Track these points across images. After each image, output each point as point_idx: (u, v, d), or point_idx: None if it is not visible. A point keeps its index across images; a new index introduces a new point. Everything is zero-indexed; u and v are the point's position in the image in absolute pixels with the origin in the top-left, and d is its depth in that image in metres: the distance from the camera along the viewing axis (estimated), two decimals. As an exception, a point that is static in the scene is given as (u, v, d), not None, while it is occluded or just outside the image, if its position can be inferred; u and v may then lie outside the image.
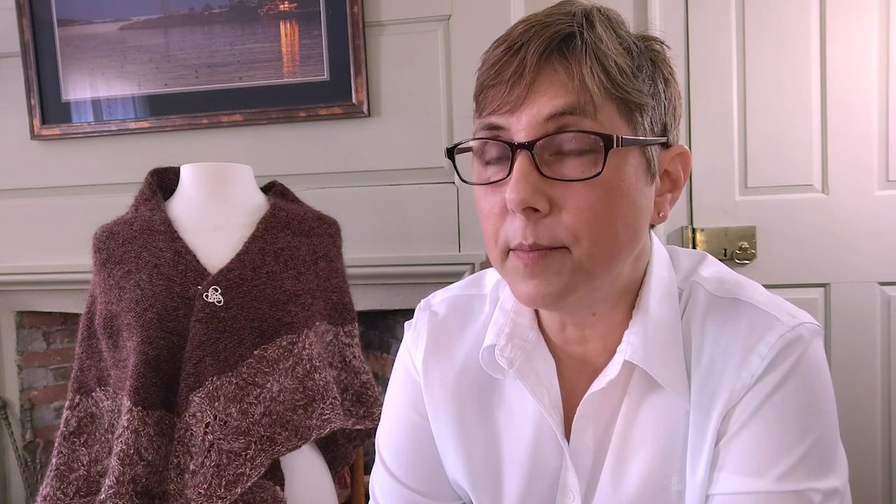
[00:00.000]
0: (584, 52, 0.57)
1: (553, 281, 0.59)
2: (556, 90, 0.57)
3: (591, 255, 0.59)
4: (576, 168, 0.58)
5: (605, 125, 0.57)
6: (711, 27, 1.74)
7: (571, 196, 0.58)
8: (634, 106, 0.59)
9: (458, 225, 1.73)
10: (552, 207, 0.58)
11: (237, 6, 1.77)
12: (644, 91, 0.59)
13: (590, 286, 0.61)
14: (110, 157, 1.89)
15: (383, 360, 1.91)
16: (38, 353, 2.06)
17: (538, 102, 0.57)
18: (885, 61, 1.67)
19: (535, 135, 0.57)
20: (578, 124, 0.57)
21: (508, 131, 0.59)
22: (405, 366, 0.80)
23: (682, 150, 0.65)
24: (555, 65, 0.57)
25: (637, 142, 0.59)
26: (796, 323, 0.63)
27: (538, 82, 0.57)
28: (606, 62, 0.57)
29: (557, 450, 0.69)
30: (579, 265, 0.59)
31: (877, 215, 1.69)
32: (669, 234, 1.81)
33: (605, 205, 0.58)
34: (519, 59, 0.58)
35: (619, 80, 0.57)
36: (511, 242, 0.60)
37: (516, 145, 0.58)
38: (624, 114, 0.58)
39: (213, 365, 1.17)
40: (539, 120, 0.57)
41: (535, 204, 0.57)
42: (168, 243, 1.24)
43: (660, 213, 0.65)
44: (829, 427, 0.62)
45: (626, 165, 0.59)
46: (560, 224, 0.58)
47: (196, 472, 1.13)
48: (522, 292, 0.61)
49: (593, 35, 0.57)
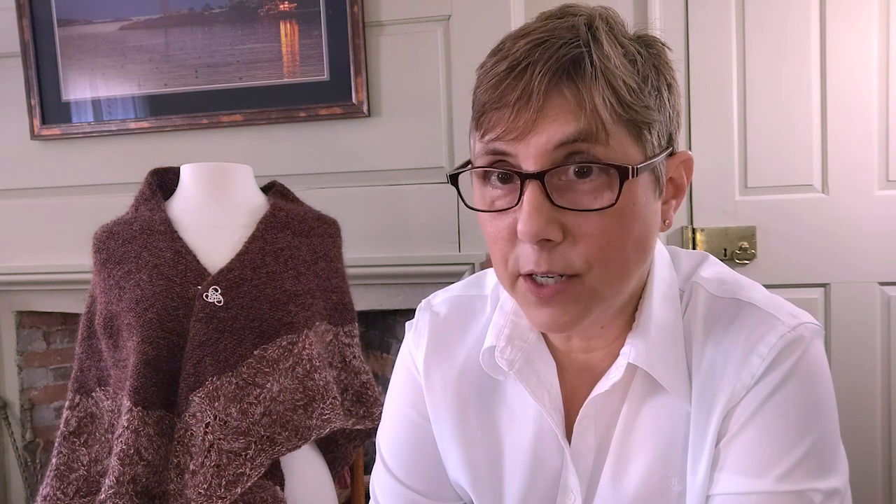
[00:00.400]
0: (594, 77, 0.54)
1: (570, 310, 0.59)
2: (567, 117, 0.54)
3: (604, 280, 0.58)
4: (588, 196, 0.56)
5: (616, 150, 0.55)
6: (711, 27, 1.74)
7: (585, 224, 0.56)
8: (643, 125, 0.57)
9: (458, 225, 1.73)
10: (565, 235, 0.57)
11: (237, 6, 1.77)
12: (651, 106, 0.58)
13: (602, 307, 0.61)
14: (110, 157, 1.89)
15: (383, 360, 1.91)
16: (38, 353, 2.06)
17: (547, 130, 0.55)
18: (885, 61, 1.67)
19: (545, 164, 0.55)
20: (590, 151, 0.55)
21: (516, 157, 0.57)
22: (406, 366, 0.80)
23: (687, 157, 0.64)
24: (563, 90, 0.55)
25: (649, 165, 0.58)
26: (797, 323, 0.63)
27: (546, 108, 0.55)
28: (616, 83, 0.55)
29: (558, 450, 0.69)
30: (593, 291, 0.59)
31: (877, 215, 1.69)
32: (670, 235, 1.81)
33: (619, 230, 0.57)
34: (525, 83, 0.55)
35: (629, 100, 0.55)
36: (522, 268, 0.59)
37: (525, 175, 0.56)
38: (633, 134, 0.56)
39: (213, 365, 1.17)
40: (549, 148, 0.55)
41: (548, 235, 0.56)
42: (168, 243, 1.24)
43: (665, 220, 0.64)
44: (829, 427, 0.62)
45: (638, 188, 0.58)
46: (574, 251, 0.57)
47: (196, 472, 1.13)
48: (538, 319, 0.61)
49: (601, 54, 0.55)
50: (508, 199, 0.58)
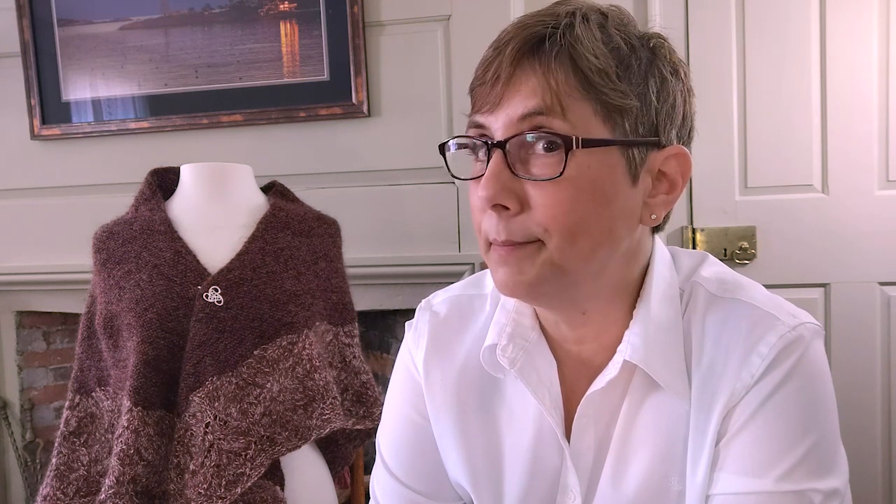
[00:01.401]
0: (553, 54, 0.58)
1: (525, 270, 0.61)
2: (529, 91, 0.58)
3: (562, 250, 0.60)
4: (542, 167, 0.59)
5: (576, 126, 0.58)
6: (711, 27, 1.74)
7: (540, 194, 0.59)
8: (613, 108, 0.59)
9: (458, 225, 1.73)
10: (523, 206, 0.60)
11: (237, 6, 1.77)
12: (626, 92, 0.59)
13: (564, 281, 0.62)
14: (110, 157, 1.89)
15: (383, 360, 1.91)
16: (38, 353, 2.06)
17: (513, 102, 0.59)
18: (885, 61, 1.67)
19: (509, 134, 0.59)
20: (549, 124, 0.58)
21: (489, 129, 0.61)
22: (406, 366, 0.80)
23: (678, 151, 0.64)
24: (526, 66, 0.59)
25: (604, 143, 0.59)
26: (797, 323, 0.63)
27: (513, 82, 0.59)
28: (581, 63, 0.58)
29: (558, 450, 0.69)
30: (550, 259, 0.60)
31: (877, 215, 1.69)
32: (669, 235, 1.81)
33: (573, 203, 0.59)
34: (499, 60, 0.60)
35: (595, 80, 0.58)
36: (489, 236, 0.62)
37: (492, 144, 0.60)
38: (601, 114, 0.59)
39: (213, 365, 1.17)
40: (513, 119, 0.59)
41: (503, 202, 0.59)
42: (168, 243, 1.24)
43: (651, 214, 0.64)
44: (829, 427, 0.62)
45: (599, 165, 0.59)
46: (531, 220, 0.60)
47: (196, 472, 1.13)
48: (498, 280, 0.63)
49: (571, 36, 0.58)
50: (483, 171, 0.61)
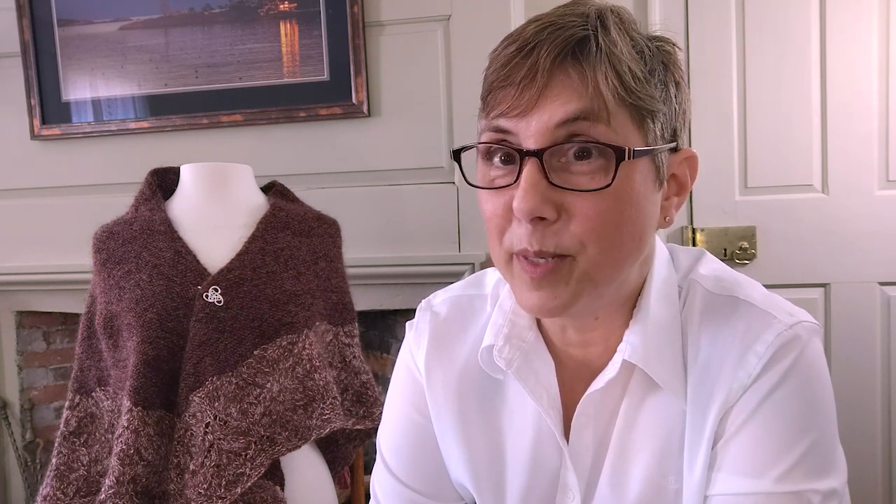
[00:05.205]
0: (598, 58, 0.55)
1: (560, 293, 0.59)
2: (569, 95, 0.55)
3: (597, 263, 0.58)
4: (585, 177, 0.56)
5: (617, 132, 0.56)
6: (711, 27, 1.74)
7: (580, 204, 0.57)
8: (647, 112, 0.57)
9: (458, 225, 1.73)
10: (560, 215, 0.57)
11: (237, 6, 1.77)
12: (656, 97, 0.58)
13: (594, 293, 0.60)
14: (110, 157, 1.89)
15: (383, 360, 1.91)
16: (38, 353, 2.06)
17: (549, 107, 0.56)
18: (885, 61, 1.67)
19: (545, 142, 0.56)
20: (590, 130, 0.56)
21: (517, 136, 0.57)
22: (407, 365, 0.80)
23: (691, 154, 0.64)
24: (568, 69, 0.56)
25: (648, 152, 0.58)
26: (794, 322, 0.62)
27: (550, 86, 0.56)
28: (620, 67, 0.55)
29: (557, 449, 0.69)
30: (584, 274, 0.58)
31: (877, 215, 1.69)
32: (670, 234, 1.81)
33: (614, 214, 0.57)
34: (531, 62, 0.56)
35: (633, 86, 0.56)
36: (515, 247, 0.59)
37: (525, 152, 0.56)
38: (636, 120, 0.57)
39: (213, 365, 1.17)
40: (550, 126, 0.56)
41: (543, 213, 0.56)
42: (168, 243, 1.24)
43: (666, 217, 0.64)
44: (827, 427, 0.62)
45: (636, 174, 0.58)
46: (567, 232, 0.57)
47: (196, 472, 1.13)
48: (527, 302, 0.61)
49: (608, 39, 0.56)
50: (508, 178, 0.59)
